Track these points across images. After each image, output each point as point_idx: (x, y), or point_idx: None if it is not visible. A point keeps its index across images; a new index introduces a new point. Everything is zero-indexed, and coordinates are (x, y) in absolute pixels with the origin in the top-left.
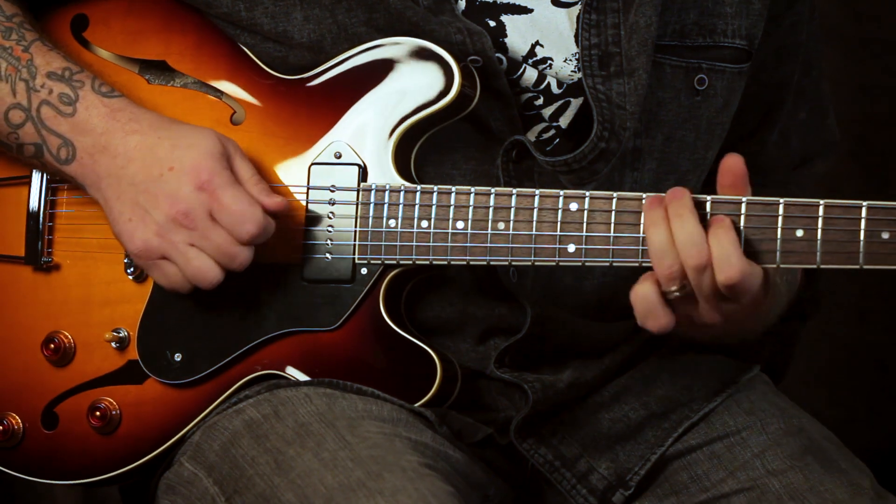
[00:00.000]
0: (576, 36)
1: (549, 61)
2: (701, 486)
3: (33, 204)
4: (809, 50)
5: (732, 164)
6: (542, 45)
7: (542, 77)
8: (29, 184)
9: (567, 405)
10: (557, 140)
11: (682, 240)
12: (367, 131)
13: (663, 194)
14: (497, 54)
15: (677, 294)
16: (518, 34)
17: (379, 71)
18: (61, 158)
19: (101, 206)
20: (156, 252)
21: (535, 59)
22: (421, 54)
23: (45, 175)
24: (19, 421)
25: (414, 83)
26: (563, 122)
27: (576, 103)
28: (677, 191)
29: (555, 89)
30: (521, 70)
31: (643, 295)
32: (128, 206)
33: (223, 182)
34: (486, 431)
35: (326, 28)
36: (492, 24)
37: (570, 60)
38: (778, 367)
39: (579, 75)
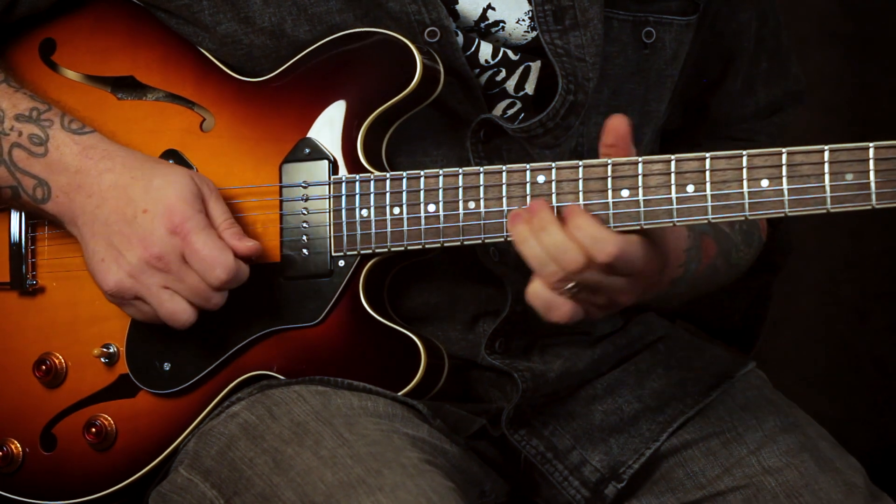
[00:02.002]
0: None
1: (502, 24)
2: (697, 483)
3: (14, 229)
4: (763, 0)
5: (617, 125)
6: (493, 9)
7: (496, 49)
8: (8, 211)
9: (559, 397)
10: (522, 115)
11: (553, 251)
12: (335, 125)
13: (525, 206)
14: (453, 26)
15: (576, 290)
16: None
17: (341, 65)
18: (38, 198)
19: None
20: (129, 293)
21: (486, 23)
22: (381, 44)
23: None
24: (19, 446)
25: (376, 74)
26: (529, 88)
27: (535, 67)
28: (534, 205)
29: (512, 56)
30: (476, 45)
31: (536, 293)
32: (101, 245)
33: (195, 226)
34: (481, 423)
35: (286, 10)
36: None
37: (523, 21)
38: (753, 324)
39: (532, 35)
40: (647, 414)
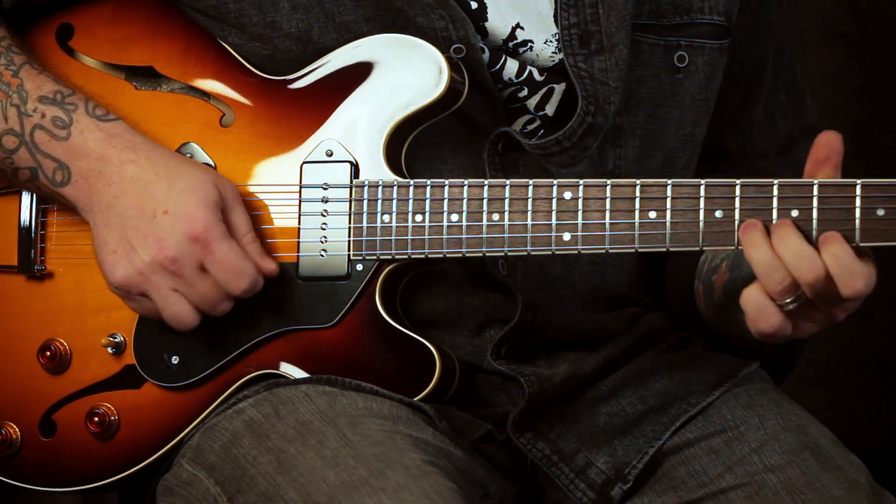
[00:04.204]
0: (555, 16)
1: (530, 44)
2: (699, 482)
3: (24, 212)
4: (780, 33)
5: (830, 139)
6: (522, 28)
7: (522, 67)
8: (19, 193)
9: (564, 400)
10: (542, 131)
11: (790, 259)
12: (358, 129)
13: (758, 220)
14: (480, 44)
15: (793, 305)
16: (499, 16)
17: (366, 68)
18: (56, 181)
19: None
20: (135, 289)
21: (514, 42)
22: (408, 50)
23: None
24: (17, 430)
25: (402, 79)
26: (550, 109)
27: (559, 89)
28: (780, 223)
29: (537, 77)
30: (502, 62)
31: (751, 298)
32: (114, 236)
33: (218, 235)
34: (486, 427)
35: (314, 17)
36: (474, 5)
37: (551, 42)
38: (793, 354)
39: (560, 56)
40: (651, 415)
